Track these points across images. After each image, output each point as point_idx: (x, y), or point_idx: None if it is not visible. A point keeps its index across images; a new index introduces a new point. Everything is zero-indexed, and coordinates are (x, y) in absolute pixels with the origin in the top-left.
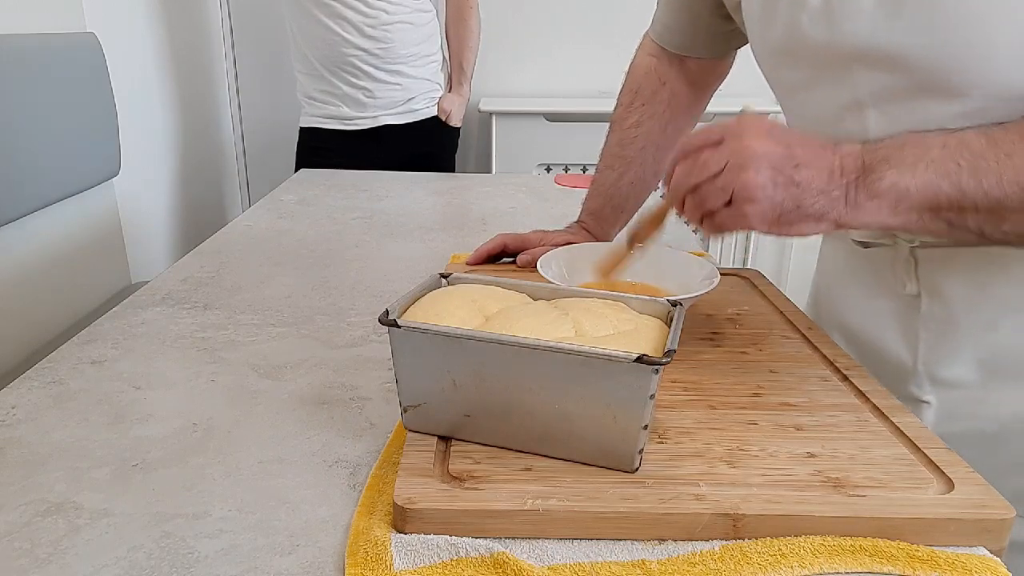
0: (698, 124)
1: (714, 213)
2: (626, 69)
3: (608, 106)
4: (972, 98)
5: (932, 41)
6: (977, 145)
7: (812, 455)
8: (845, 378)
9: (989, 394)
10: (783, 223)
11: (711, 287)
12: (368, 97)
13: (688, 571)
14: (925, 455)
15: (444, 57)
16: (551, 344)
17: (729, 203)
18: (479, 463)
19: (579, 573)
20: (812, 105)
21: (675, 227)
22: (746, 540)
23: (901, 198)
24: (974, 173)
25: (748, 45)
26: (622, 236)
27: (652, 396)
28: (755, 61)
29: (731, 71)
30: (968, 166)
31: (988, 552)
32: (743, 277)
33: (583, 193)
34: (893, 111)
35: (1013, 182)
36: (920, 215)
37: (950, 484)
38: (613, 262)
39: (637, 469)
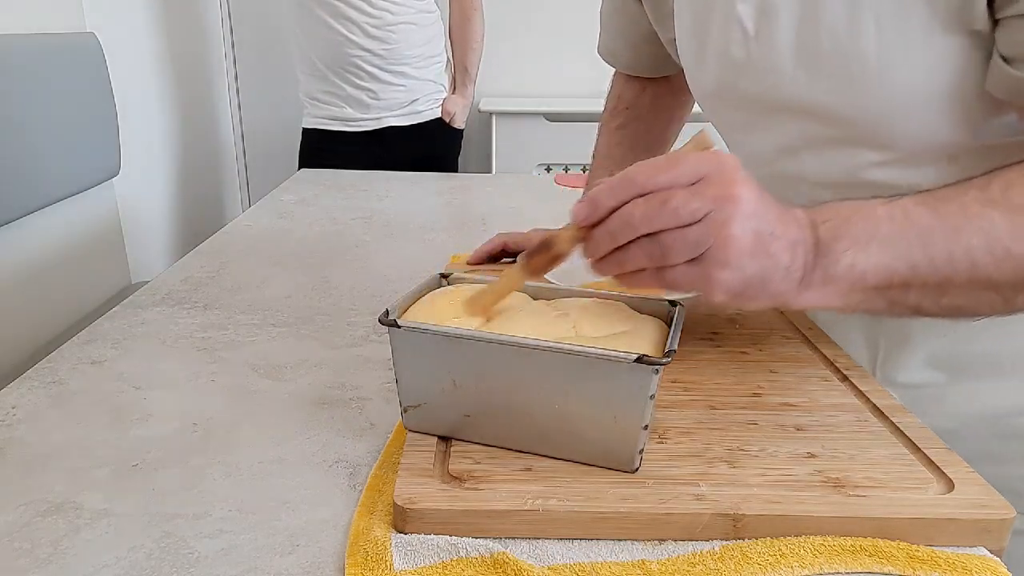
0: (685, 124)
1: (669, 268)
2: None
3: None
4: (894, 149)
5: (850, 99)
6: (924, 219)
7: (812, 455)
8: (845, 378)
9: (946, 393)
10: (743, 297)
11: None
12: (372, 98)
13: (688, 571)
14: (925, 455)
15: (448, 58)
16: (551, 344)
17: (693, 260)
18: (479, 463)
19: (579, 573)
20: (750, 145)
21: None
22: (746, 540)
23: (856, 282)
24: (925, 250)
25: None
26: (513, 269)
27: (652, 396)
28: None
29: None
30: (919, 242)
31: (988, 552)
32: None
33: (581, 195)
34: (825, 156)
35: (963, 258)
36: (866, 296)
37: (950, 484)
38: (498, 296)
39: (637, 469)
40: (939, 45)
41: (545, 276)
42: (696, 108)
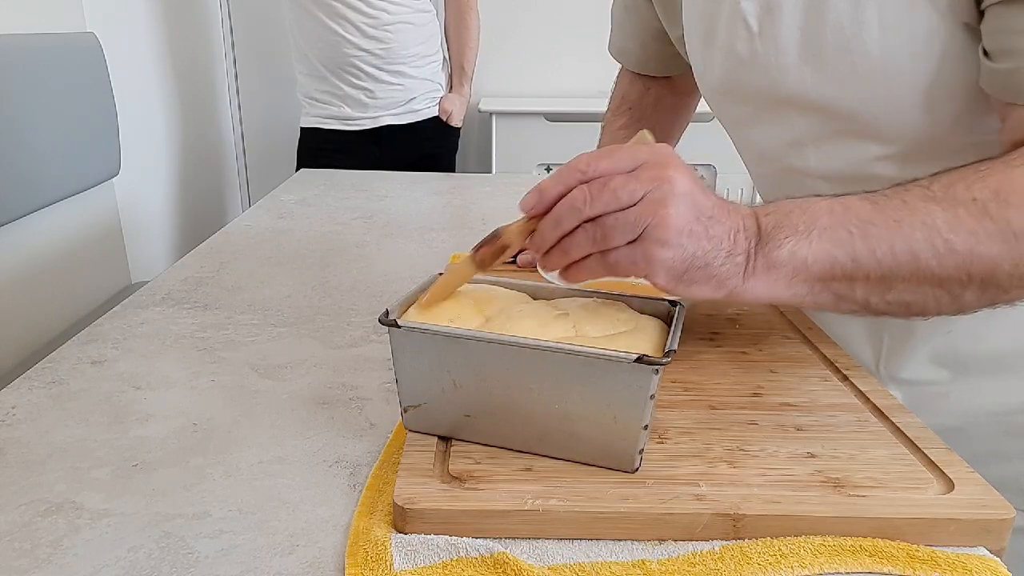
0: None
1: (611, 251)
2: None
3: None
4: (896, 143)
5: (854, 93)
6: (864, 211)
7: (812, 455)
8: (845, 378)
9: (951, 390)
10: (685, 280)
11: None
12: (370, 97)
13: (688, 571)
14: (925, 455)
15: (445, 57)
16: (551, 344)
17: (634, 241)
18: (479, 463)
19: (579, 573)
20: (756, 140)
21: None
22: (746, 540)
23: (798, 269)
24: (866, 241)
25: None
26: (461, 262)
27: (652, 396)
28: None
29: None
30: (860, 233)
31: (988, 552)
32: None
33: None
34: (830, 150)
35: (904, 250)
36: (811, 287)
37: (950, 484)
38: (446, 290)
39: (637, 469)
40: (939, 38)
41: (546, 276)
42: (700, 110)
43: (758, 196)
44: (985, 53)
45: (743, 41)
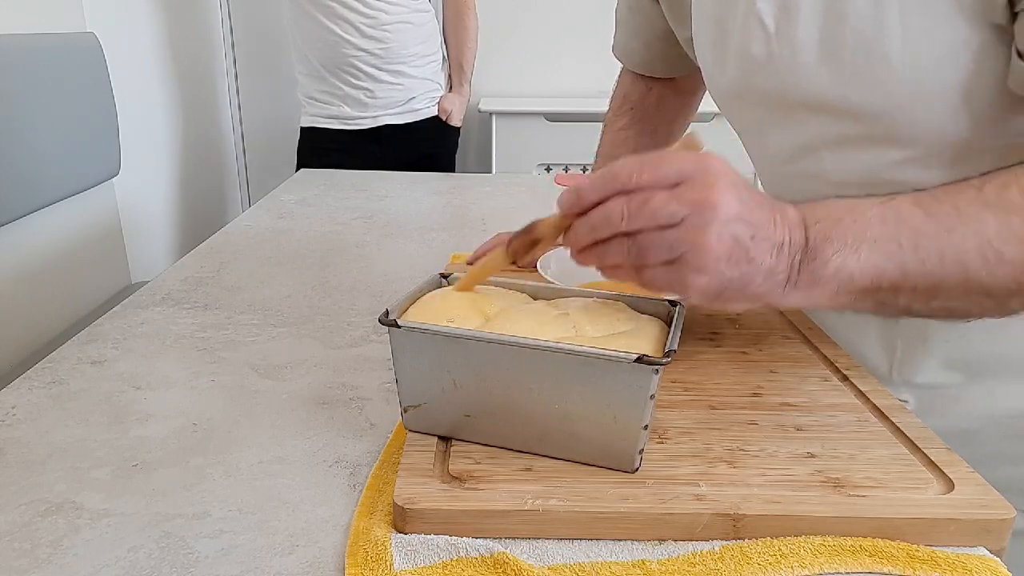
0: (691, 125)
1: (646, 267)
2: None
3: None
4: (917, 146)
5: (873, 95)
6: (916, 220)
7: (812, 455)
8: (845, 378)
9: (963, 393)
10: (720, 300)
11: None
12: (369, 97)
13: (688, 571)
14: (925, 455)
15: (444, 56)
16: (551, 344)
17: (670, 262)
18: (479, 463)
19: (579, 573)
20: (768, 144)
21: None
22: (746, 540)
23: (844, 284)
24: (916, 252)
25: None
26: (495, 251)
27: (652, 396)
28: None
29: None
30: (910, 245)
31: (988, 552)
32: None
33: None
34: (846, 154)
35: (954, 261)
36: (854, 298)
37: (950, 484)
38: (479, 276)
39: (637, 469)
40: (964, 40)
41: (546, 276)
42: (702, 109)
43: None
44: (1020, 54)
45: (759, 42)
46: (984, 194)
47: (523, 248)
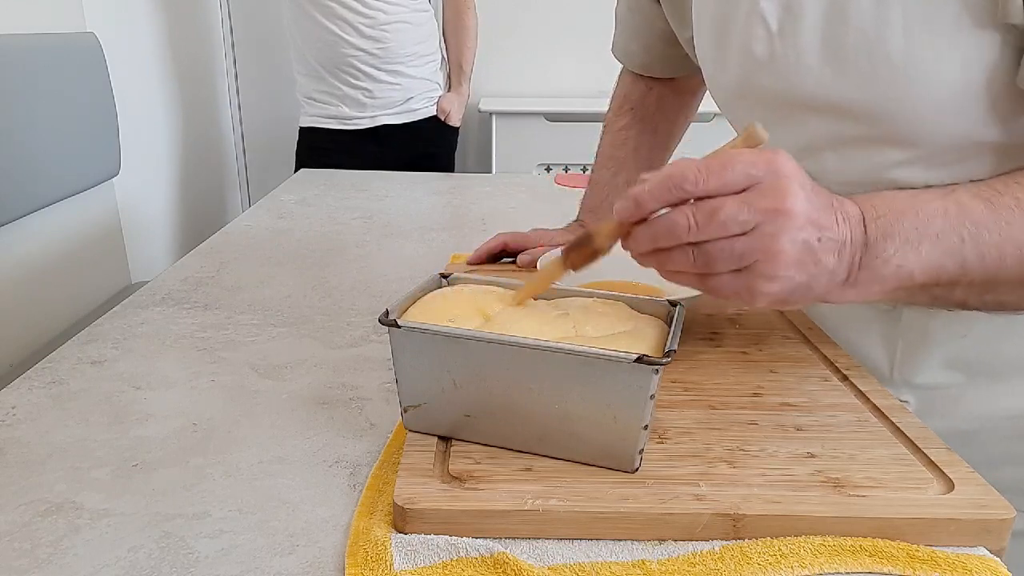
0: (691, 124)
1: (712, 275)
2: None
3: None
4: (919, 146)
5: (876, 96)
6: (978, 213)
7: (812, 455)
8: (845, 378)
9: (964, 393)
10: (787, 303)
11: None
12: (367, 97)
13: (688, 571)
14: (925, 455)
15: (443, 56)
16: (551, 344)
17: (739, 270)
18: (479, 463)
19: (579, 573)
20: (771, 144)
21: None
22: (746, 540)
23: (903, 281)
24: (976, 247)
25: None
26: (549, 258)
27: (652, 396)
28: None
29: None
30: (971, 239)
31: (988, 552)
32: None
33: (583, 193)
34: (848, 155)
35: (1013, 255)
36: (911, 292)
37: (950, 484)
38: (538, 287)
39: (637, 469)
40: (969, 40)
41: None
42: (702, 109)
43: None
44: None
45: (761, 42)
46: None
47: (582, 260)
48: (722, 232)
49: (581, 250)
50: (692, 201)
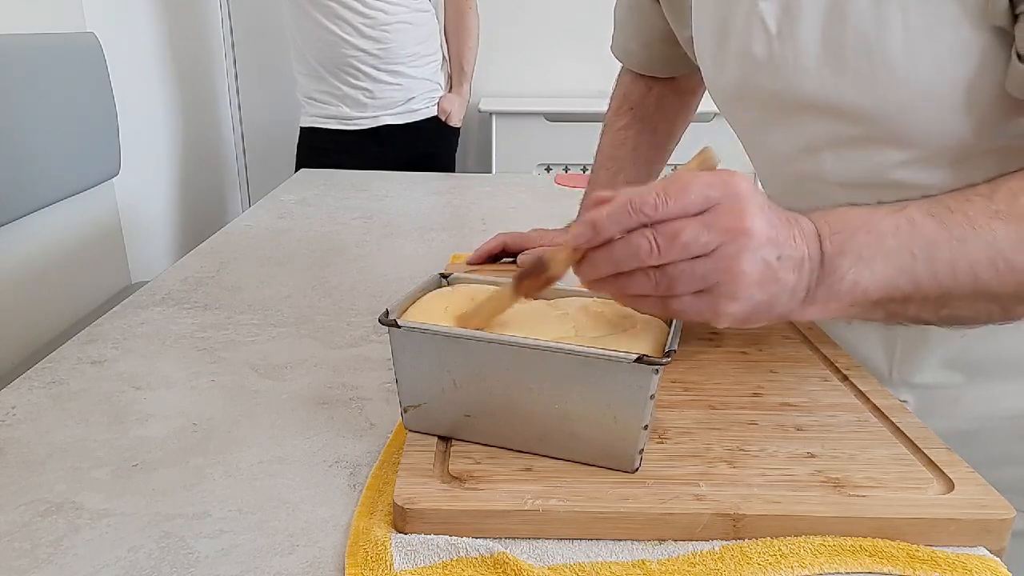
0: (691, 124)
1: (674, 297)
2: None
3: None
4: (918, 147)
5: (874, 96)
6: (930, 230)
7: (812, 455)
8: (845, 378)
9: (964, 393)
10: (749, 322)
11: None
12: (368, 97)
13: (688, 571)
14: (925, 455)
15: (444, 57)
16: (551, 344)
17: (700, 291)
18: (479, 463)
19: (579, 573)
20: (769, 144)
21: None
22: (746, 540)
23: (858, 298)
24: (929, 263)
25: None
26: (503, 290)
27: (652, 396)
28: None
29: None
30: (923, 256)
31: (988, 552)
32: None
33: (583, 193)
34: (847, 155)
35: (965, 271)
36: (866, 309)
37: (950, 484)
38: (488, 316)
39: (637, 469)
40: (966, 41)
41: None
42: (702, 109)
43: None
44: (1020, 57)
45: (760, 43)
46: (994, 203)
47: (536, 288)
48: (684, 254)
49: (534, 278)
50: (650, 224)
